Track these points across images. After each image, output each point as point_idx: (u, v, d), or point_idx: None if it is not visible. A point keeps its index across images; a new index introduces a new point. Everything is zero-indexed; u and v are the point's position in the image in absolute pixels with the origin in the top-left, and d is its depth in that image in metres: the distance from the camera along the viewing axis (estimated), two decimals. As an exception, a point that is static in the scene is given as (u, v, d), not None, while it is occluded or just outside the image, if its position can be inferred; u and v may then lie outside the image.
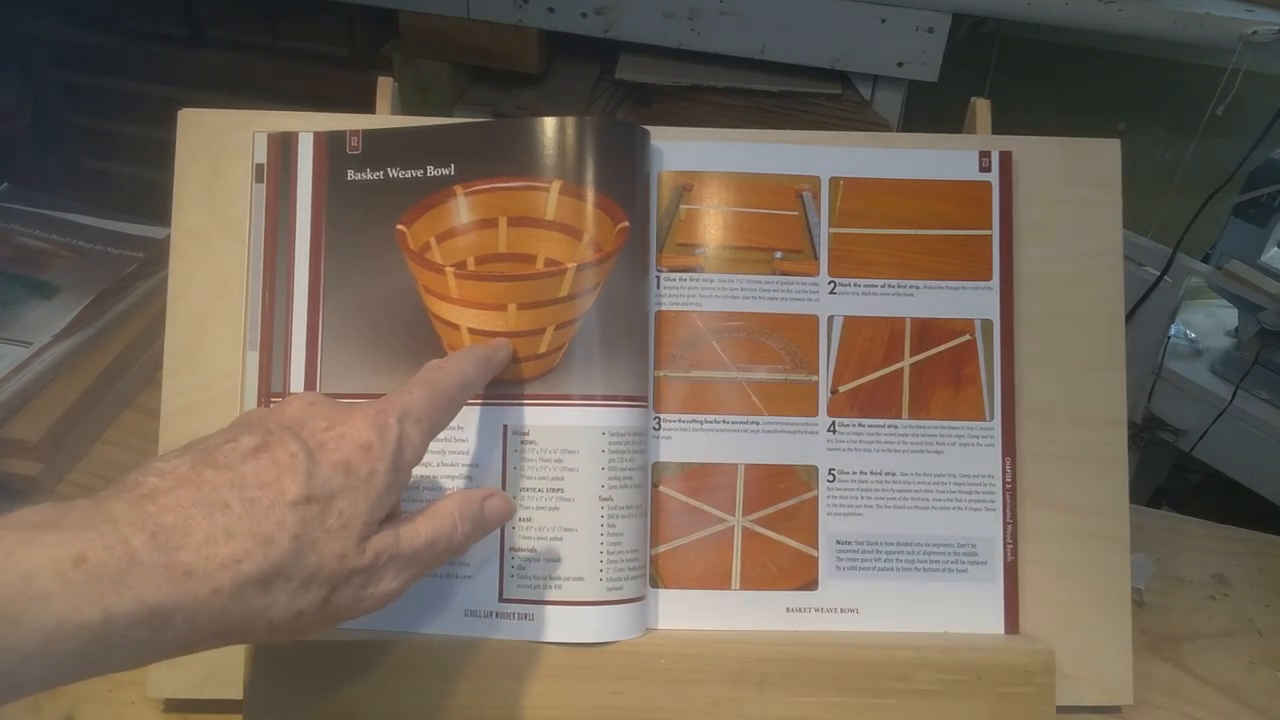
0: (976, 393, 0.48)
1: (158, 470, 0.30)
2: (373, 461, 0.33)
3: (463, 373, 0.39)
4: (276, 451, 0.32)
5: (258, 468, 0.31)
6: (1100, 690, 0.46)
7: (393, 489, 0.34)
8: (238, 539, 0.29)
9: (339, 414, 0.34)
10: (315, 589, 0.31)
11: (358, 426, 0.34)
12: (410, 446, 0.35)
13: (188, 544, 0.28)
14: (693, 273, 0.48)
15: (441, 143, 0.47)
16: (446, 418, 0.38)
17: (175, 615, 0.28)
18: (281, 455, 0.31)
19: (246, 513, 0.30)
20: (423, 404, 0.36)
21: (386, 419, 0.34)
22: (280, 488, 0.31)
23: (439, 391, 0.37)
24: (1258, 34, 1.04)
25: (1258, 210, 1.06)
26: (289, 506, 0.31)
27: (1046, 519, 0.47)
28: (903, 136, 0.50)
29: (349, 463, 0.33)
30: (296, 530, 0.30)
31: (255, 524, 0.30)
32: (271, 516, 0.30)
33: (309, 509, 0.31)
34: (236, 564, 0.29)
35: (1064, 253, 0.49)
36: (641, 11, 1.20)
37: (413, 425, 0.35)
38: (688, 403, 0.47)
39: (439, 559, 0.36)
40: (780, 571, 0.47)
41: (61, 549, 0.26)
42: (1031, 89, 1.37)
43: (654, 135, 0.48)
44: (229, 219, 0.48)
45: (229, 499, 0.30)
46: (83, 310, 0.66)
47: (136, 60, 1.48)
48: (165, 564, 0.28)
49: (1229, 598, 0.57)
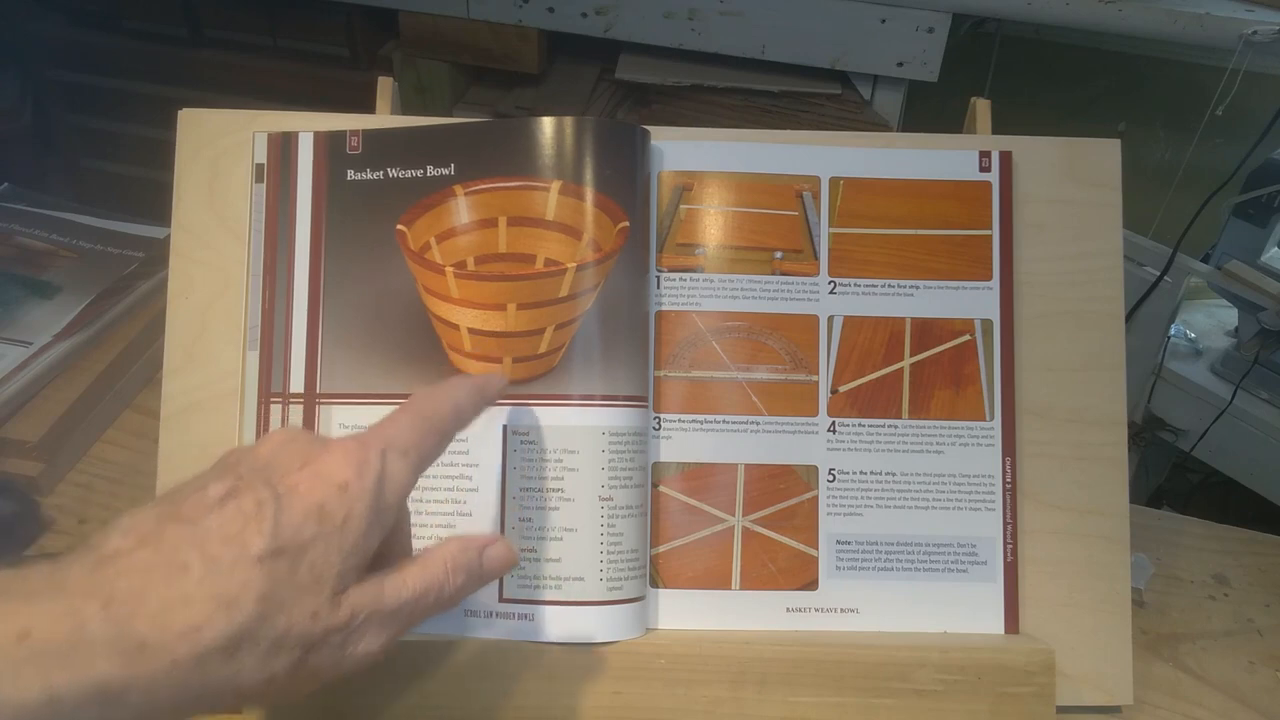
0: (976, 393, 0.48)
1: (123, 528, 0.28)
2: (349, 503, 0.30)
3: (454, 401, 0.36)
4: (243, 499, 0.29)
5: (222, 520, 0.28)
6: (1100, 690, 0.46)
7: (372, 532, 0.31)
8: (196, 604, 0.27)
9: (315, 451, 0.31)
10: (287, 652, 0.29)
11: (334, 464, 0.31)
12: (394, 483, 0.32)
13: (143, 612, 0.26)
14: (693, 273, 0.48)
15: (441, 142, 0.47)
16: (437, 450, 0.35)
17: (129, 693, 0.25)
18: (248, 503, 0.29)
19: (207, 573, 0.27)
20: (409, 435, 0.33)
21: (367, 453, 0.31)
22: (244, 542, 0.28)
23: (428, 421, 0.34)
24: (1258, 34, 1.04)
25: (1258, 210, 1.06)
26: (254, 563, 0.28)
27: (1046, 519, 0.47)
28: (903, 136, 0.50)
29: (323, 507, 0.30)
30: (263, 589, 0.28)
31: (216, 586, 0.27)
32: (235, 576, 0.28)
33: (277, 564, 0.28)
34: (196, 632, 0.26)
35: (1064, 253, 0.49)
36: (641, 11, 1.20)
37: (397, 459, 0.32)
38: (688, 403, 0.47)
39: (427, 613, 0.33)
40: (780, 571, 0.47)
41: (6, 621, 0.24)
42: (1031, 89, 1.37)
43: (654, 135, 0.48)
44: (229, 219, 0.48)
45: (189, 559, 0.27)
46: (83, 310, 0.66)
47: (136, 60, 1.48)
48: (117, 636, 0.25)
49: (1229, 598, 0.57)
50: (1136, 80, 1.38)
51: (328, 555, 0.30)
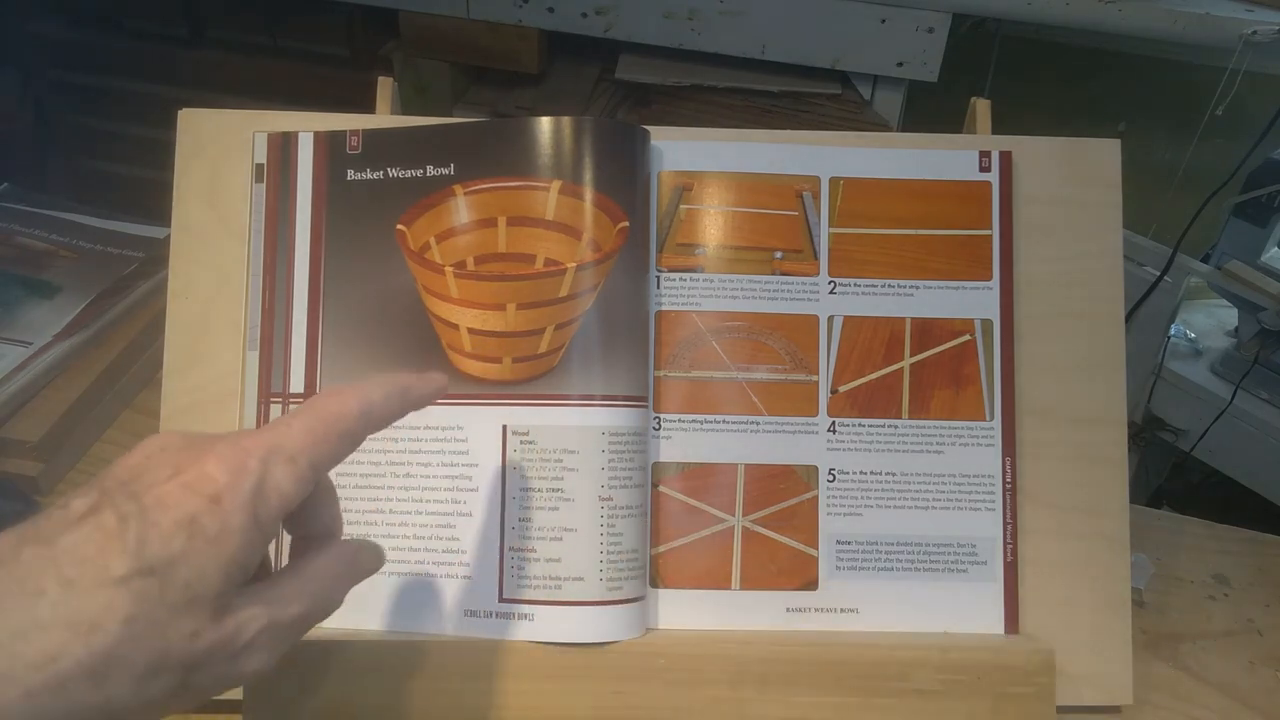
0: (976, 393, 0.48)
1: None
2: (223, 515, 0.27)
3: (363, 401, 0.32)
4: (103, 515, 0.26)
5: (78, 540, 0.26)
6: (1100, 690, 0.46)
7: (252, 546, 0.28)
8: (50, 632, 0.24)
9: (189, 457, 0.28)
10: (167, 674, 0.27)
11: (208, 471, 0.28)
12: (276, 492, 0.29)
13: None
14: (693, 273, 0.48)
15: (441, 142, 0.47)
16: (336, 454, 0.31)
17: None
18: (109, 520, 0.26)
19: (62, 597, 0.25)
20: (300, 438, 0.30)
21: (246, 459, 0.28)
22: (104, 562, 0.25)
23: (324, 423, 0.31)
24: (1258, 34, 1.04)
25: (1258, 210, 1.06)
26: (116, 584, 0.25)
27: (1046, 519, 0.47)
28: (903, 136, 0.50)
29: (194, 520, 0.27)
30: (129, 612, 0.25)
31: (72, 611, 0.25)
32: (95, 599, 0.25)
33: (145, 583, 0.26)
34: (51, 662, 0.24)
35: (1064, 253, 0.49)
36: (641, 11, 1.20)
37: (282, 465, 0.29)
38: (688, 403, 0.47)
39: (316, 622, 0.31)
40: (780, 571, 0.47)
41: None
42: (1031, 89, 1.37)
43: (654, 135, 0.48)
44: (229, 219, 0.48)
45: (43, 583, 0.25)
46: (83, 310, 0.66)
47: (136, 60, 1.48)
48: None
49: (1229, 598, 0.57)
50: (1136, 80, 1.38)
51: (202, 573, 0.27)
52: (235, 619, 0.28)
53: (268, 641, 0.29)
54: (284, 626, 0.30)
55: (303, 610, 0.30)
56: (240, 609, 0.28)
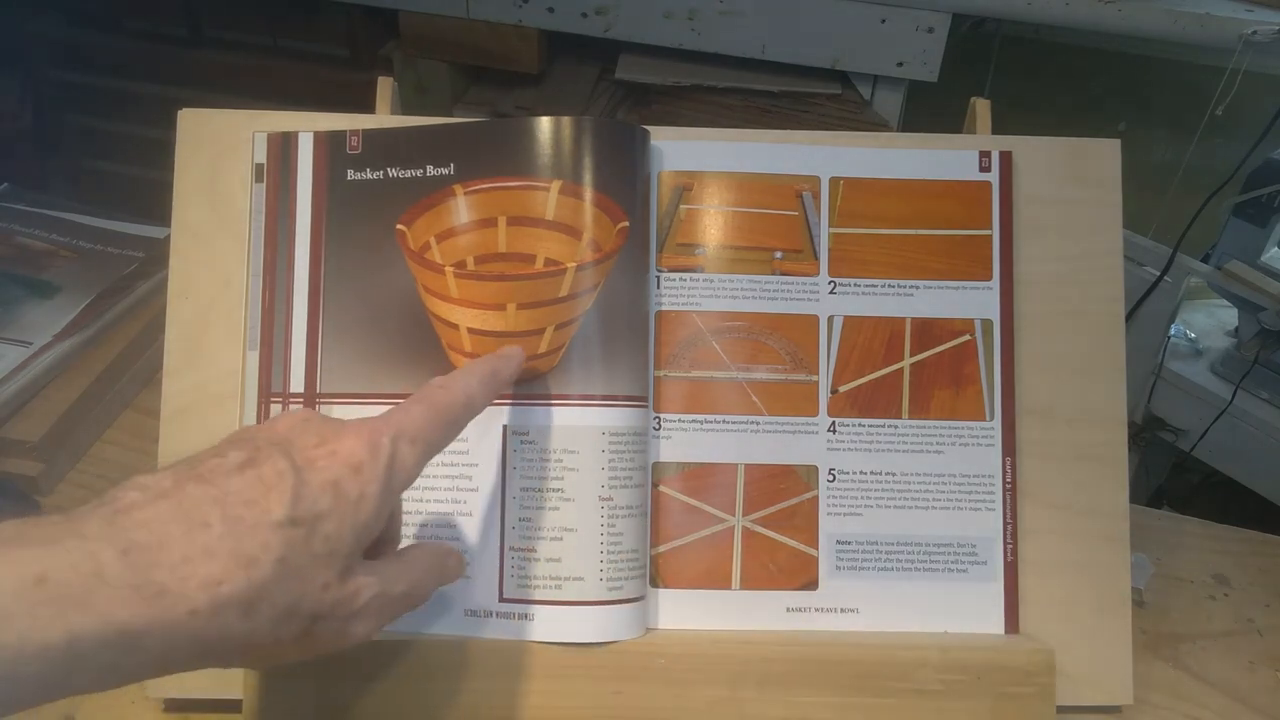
0: (976, 393, 0.48)
1: (139, 484, 0.29)
2: (363, 484, 0.31)
3: (466, 390, 0.37)
4: (263, 468, 0.30)
5: (243, 484, 0.29)
6: (1100, 690, 0.46)
7: (381, 514, 0.32)
8: (217, 559, 0.27)
9: (331, 431, 0.32)
10: (298, 620, 0.30)
11: (350, 445, 0.32)
12: (403, 468, 0.33)
13: (163, 561, 0.27)
14: (693, 273, 0.48)
15: (441, 142, 0.47)
16: (446, 439, 0.36)
17: (147, 637, 0.26)
18: (268, 472, 0.30)
19: (229, 531, 0.28)
20: (420, 423, 0.34)
21: (380, 438, 0.32)
22: (266, 506, 0.29)
23: (438, 410, 0.35)
24: (1258, 34, 1.04)
25: (1258, 210, 1.06)
26: (274, 527, 0.29)
27: (1046, 519, 0.47)
28: (903, 136, 0.50)
29: (338, 484, 0.31)
30: (281, 554, 0.29)
31: (238, 544, 0.28)
32: (256, 537, 0.28)
33: (295, 531, 0.29)
34: (216, 585, 0.27)
35: (1064, 253, 0.49)
36: (641, 11, 1.20)
37: (407, 446, 0.33)
38: (688, 403, 0.47)
39: (411, 607, 0.35)
40: (780, 571, 0.47)
41: (22, 567, 0.25)
42: (1031, 89, 1.37)
43: (654, 135, 0.48)
44: (229, 219, 0.48)
45: (210, 516, 0.28)
46: (83, 310, 0.66)
47: (136, 60, 1.48)
48: (136, 583, 0.26)
49: (1229, 598, 0.57)
50: (1136, 80, 1.38)
51: (340, 530, 0.30)
52: (355, 582, 0.31)
53: (376, 611, 0.32)
54: (390, 600, 0.33)
55: (405, 590, 0.34)
56: (359, 574, 0.32)
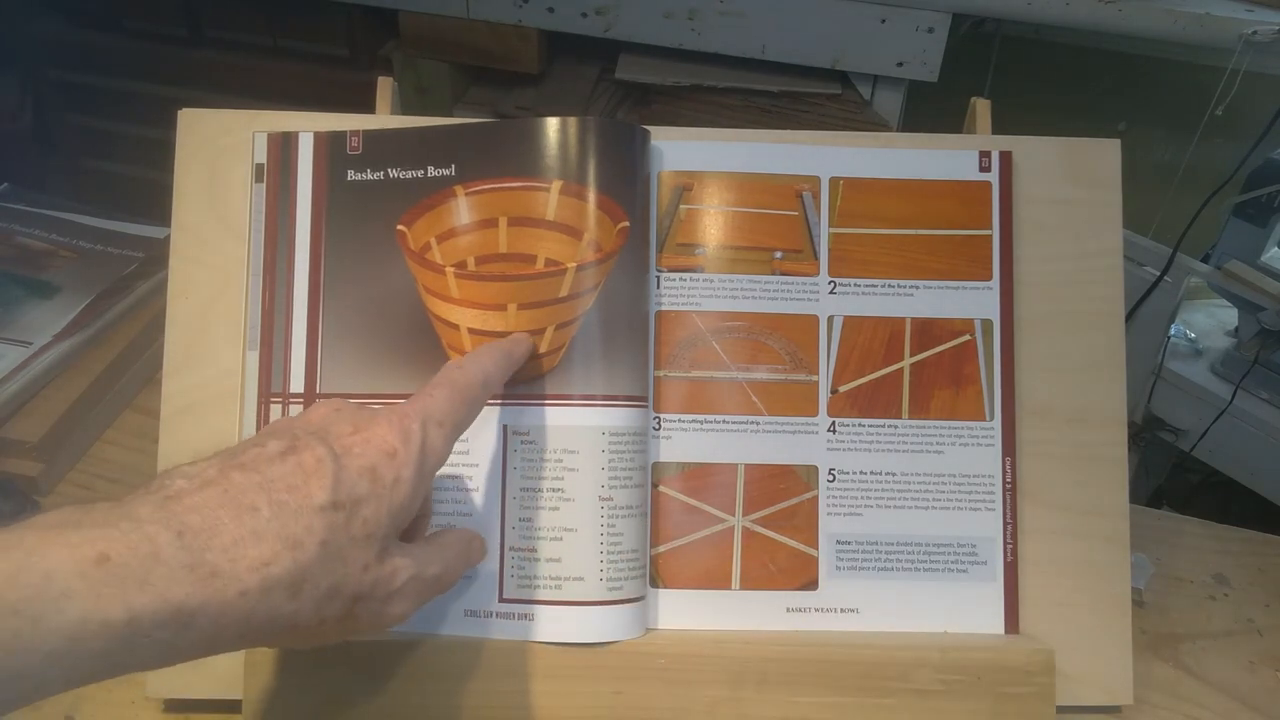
0: (976, 393, 0.48)
1: (184, 473, 0.30)
2: (398, 468, 0.33)
3: (483, 371, 0.39)
4: (303, 455, 0.31)
5: (285, 471, 0.30)
6: (1100, 690, 0.46)
7: (415, 497, 0.33)
8: (266, 541, 0.29)
9: (363, 419, 0.34)
10: (341, 600, 0.31)
11: (382, 431, 0.33)
12: (434, 451, 0.34)
13: (214, 545, 0.28)
14: (693, 273, 0.48)
15: (442, 143, 0.47)
16: (469, 418, 0.37)
17: (200, 616, 0.27)
18: (308, 459, 0.31)
19: (275, 515, 0.29)
20: (444, 406, 0.36)
21: (410, 424, 0.34)
22: (308, 492, 0.30)
23: (460, 392, 0.37)
24: (1258, 34, 1.04)
25: (1258, 210, 1.06)
26: (317, 511, 0.30)
27: (1046, 519, 0.47)
28: (903, 136, 0.50)
29: (375, 469, 0.32)
30: (324, 536, 0.30)
31: (283, 527, 0.29)
32: (300, 521, 0.30)
33: (336, 515, 0.31)
34: (265, 567, 0.28)
35: (1064, 253, 0.49)
36: (641, 11, 1.20)
37: (435, 429, 0.35)
38: (688, 403, 0.47)
39: (443, 590, 0.36)
40: (780, 571, 0.47)
41: (84, 548, 0.26)
42: (1031, 89, 1.37)
43: (654, 135, 0.48)
44: (229, 219, 0.48)
45: (257, 501, 0.29)
46: (83, 310, 0.66)
47: (136, 60, 1.48)
48: (191, 564, 0.27)
49: (1229, 598, 0.57)
50: (1136, 80, 1.37)
51: (378, 514, 0.32)
52: (392, 563, 0.33)
53: (412, 592, 0.34)
54: (425, 582, 0.35)
55: (438, 572, 0.35)
56: (396, 556, 0.33)
